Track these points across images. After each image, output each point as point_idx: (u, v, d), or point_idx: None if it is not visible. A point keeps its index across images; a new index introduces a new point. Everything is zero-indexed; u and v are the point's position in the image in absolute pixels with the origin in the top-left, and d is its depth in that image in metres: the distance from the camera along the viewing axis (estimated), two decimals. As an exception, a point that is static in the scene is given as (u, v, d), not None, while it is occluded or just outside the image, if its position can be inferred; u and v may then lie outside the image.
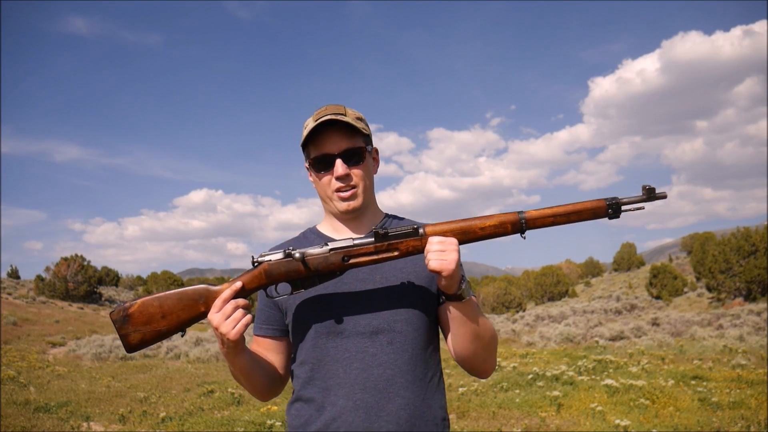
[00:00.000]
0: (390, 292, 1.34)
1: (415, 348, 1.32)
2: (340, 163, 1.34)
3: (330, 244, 1.27)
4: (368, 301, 1.33)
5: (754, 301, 21.60)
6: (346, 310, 1.32)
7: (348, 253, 1.26)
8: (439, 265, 1.17)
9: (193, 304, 1.27)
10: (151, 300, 1.28)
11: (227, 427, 6.04)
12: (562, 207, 1.25)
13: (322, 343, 1.32)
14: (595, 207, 1.24)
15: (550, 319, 20.46)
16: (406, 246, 1.25)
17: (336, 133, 1.35)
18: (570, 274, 46.64)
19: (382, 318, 1.31)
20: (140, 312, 1.26)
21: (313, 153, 1.37)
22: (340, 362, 1.30)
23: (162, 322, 1.27)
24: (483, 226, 1.25)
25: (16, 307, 21.40)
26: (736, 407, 6.08)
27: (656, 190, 1.22)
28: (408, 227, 1.25)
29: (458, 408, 6.53)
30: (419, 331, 1.34)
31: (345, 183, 1.36)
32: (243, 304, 1.23)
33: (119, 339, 1.28)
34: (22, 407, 6.83)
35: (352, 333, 1.31)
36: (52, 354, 12.64)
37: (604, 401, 6.61)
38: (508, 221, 1.25)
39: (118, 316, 1.27)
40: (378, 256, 1.26)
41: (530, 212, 1.25)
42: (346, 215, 1.40)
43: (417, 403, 1.30)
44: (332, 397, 1.29)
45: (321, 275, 1.28)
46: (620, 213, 1.25)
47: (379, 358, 1.29)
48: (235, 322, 1.20)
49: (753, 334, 12.23)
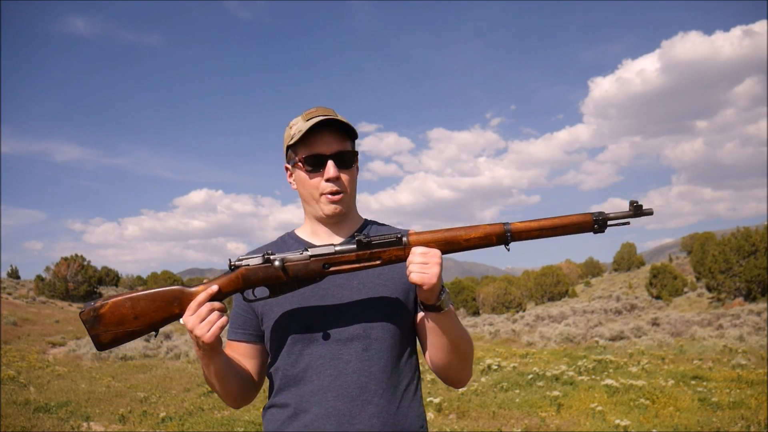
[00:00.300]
0: (367, 298, 1.31)
1: (390, 355, 1.30)
2: (332, 165, 1.32)
3: (310, 250, 1.24)
4: (345, 307, 1.30)
5: (754, 301, 21.60)
6: (322, 316, 1.30)
7: (328, 261, 1.23)
8: (420, 278, 1.16)
9: (166, 306, 1.24)
10: (123, 300, 1.24)
11: (227, 427, 6.04)
12: (548, 220, 1.24)
13: (297, 350, 1.30)
14: (581, 221, 1.24)
15: (550, 319, 20.46)
16: (388, 255, 1.23)
17: (329, 135, 1.33)
18: (570, 274, 46.63)
19: (358, 324, 1.29)
20: (112, 313, 1.23)
21: (303, 152, 1.34)
22: (314, 369, 1.28)
23: (134, 323, 1.24)
24: (468, 237, 1.23)
25: (16, 307, 21.40)
26: (736, 407, 6.08)
27: (643, 207, 1.23)
28: (391, 235, 1.23)
29: (458, 408, 6.53)
30: (395, 338, 1.32)
31: (335, 185, 1.33)
32: (218, 307, 1.21)
33: (90, 335, 1.24)
34: (22, 407, 6.83)
35: (327, 339, 1.29)
36: (52, 354, 12.64)
37: (604, 401, 6.61)
38: (494, 233, 1.23)
39: (88, 316, 1.23)
40: (359, 264, 1.24)
41: (516, 224, 1.24)
42: (330, 219, 1.38)
43: (391, 411, 1.27)
44: (305, 404, 1.27)
45: (300, 281, 1.25)
46: (606, 228, 1.25)
47: (353, 365, 1.27)
48: (210, 324, 1.18)
49: (753, 334, 12.23)
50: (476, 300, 32.35)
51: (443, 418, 6.30)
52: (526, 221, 1.25)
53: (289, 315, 1.31)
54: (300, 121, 1.35)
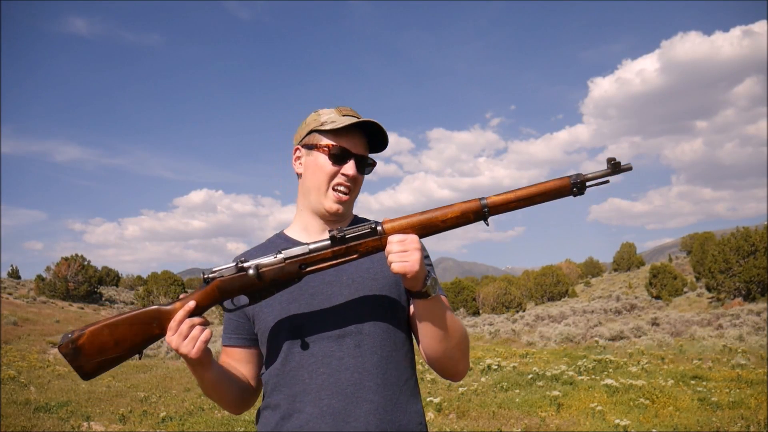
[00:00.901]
0: (357, 294, 1.29)
1: (384, 350, 1.27)
2: (353, 164, 1.33)
3: (284, 252, 1.20)
4: (335, 303, 1.28)
5: (754, 301, 21.60)
6: (312, 314, 1.28)
7: (304, 261, 1.20)
8: (402, 267, 1.13)
9: (146, 328, 1.21)
10: (100, 328, 1.20)
11: (227, 427, 6.05)
12: (524, 189, 1.20)
13: (289, 350, 1.28)
14: (559, 186, 1.19)
15: (550, 319, 20.47)
16: (365, 247, 1.19)
17: (359, 137, 1.35)
18: (570, 274, 46.64)
19: (349, 320, 1.27)
20: (91, 342, 1.19)
21: (332, 140, 1.33)
22: (306, 368, 1.25)
23: (116, 349, 1.21)
24: (444, 218, 1.19)
25: (17, 307, 21.40)
26: (736, 407, 6.08)
27: (621, 164, 1.18)
28: (365, 226, 1.19)
29: (458, 408, 6.54)
30: (388, 332, 1.29)
31: (348, 183, 1.33)
32: (198, 322, 1.19)
33: (72, 367, 1.22)
34: (22, 407, 6.83)
35: (319, 337, 1.26)
36: (52, 354, 12.64)
37: (604, 401, 6.62)
38: (470, 209, 1.19)
39: (67, 349, 1.19)
40: (336, 261, 1.20)
41: (492, 198, 1.20)
42: (329, 216, 1.36)
43: (388, 408, 1.24)
44: (299, 404, 1.25)
45: (279, 285, 1.22)
46: (585, 189, 1.20)
47: (346, 362, 1.25)
48: (194, 340, 1.17)
49: (752, 334, 12.24)
50: (476, 300, 32.35)
51: (443, 418, 6.30)
52: (502, 193, 1.21)
53: (279, 316, 1.29)
54: (333, 113, 1.35)
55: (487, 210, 1.19)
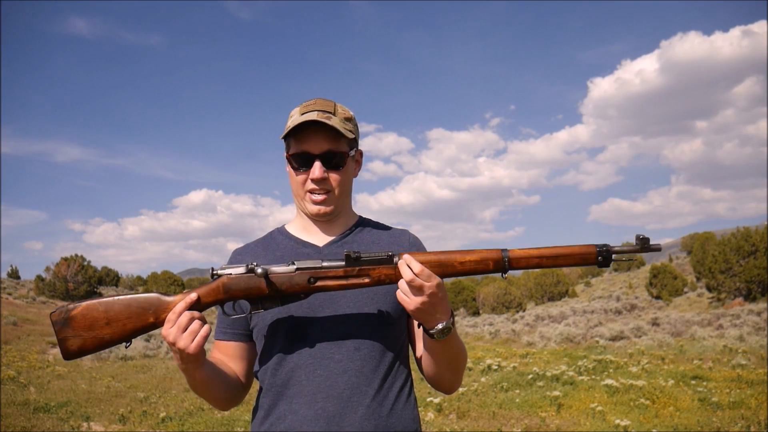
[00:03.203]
0: (359, 297, 1.27)
1: (383, 356, 1.26)
2: (318, 166, 1.27)
3: (297, 263, 1.18)
4: (336, 305, 1.26)
5: (754, 301, 21.60)
6: (312, 314, 1.26)
7: (315, 275, 1.18)
8: (403, 301, 1.13)
9: (141, 313, 1.16)
10: (96, 304, 1.17)
11: (227, 427, 6.05)
12: (549, 249, 1.18)
13: (286, 349, 1.25)
14: (585, 252, 1.18)
15: (550, 319, 20.46)
16: (378, 273, 1.17)
17: (320, 132, 1.27)
18: (570, 274, 46.62)
19: (350, 323, 1.25)
20: (83, 316, 1.16)
21: (293, 148, 1.30)
22: (303, 369, 1.23)
23: (105, 329, 1.16)
24: (463, 261, 1.17)
25: (16, 307, 21.40)
26: (736, 407, 6.08)
27: (650, 241, 1.16)
28: (382, 253, 1.17)
29: (458, 408, 6.53)
30: (388, 338, 1.27)
31: (320, 186, 1.29)
32: (198, 316, 1.14)
33: (57, 338, 1.17)
34: (22, 407, 6.83)
35: (318, 338, 1.24)
36: (52, 354, 12.64)
37: (604, 401, 6.61)
38: (491, 258, 1.17)
39: (58, 317, 1.16)
40: (347, 281, 1.18)
41: (515, 251, 1.18)
42: (315, 218, 1.35)
43: (383, 414, 1.23)
44: (294, 405, 1.22)
45: (284, 296, 1.19)
46: (610, 261, 1.18)
47: (344, 365, 1.22)
48: (193, 334, 1.12)
49: (753, 334, 12.22)
50: (476, 300, 32.35)
51: (443, 418, 6.30)
52: (526, 249, 1.19)
53: (279, 314, 1.27)
54: (297, 113, 1.30)
55: (508, 262, 1.18)
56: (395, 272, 1.16)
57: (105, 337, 1.17)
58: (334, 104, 1.31)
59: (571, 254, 1.18)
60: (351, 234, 1.38)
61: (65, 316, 1.16)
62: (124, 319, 1.17)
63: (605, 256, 1.18)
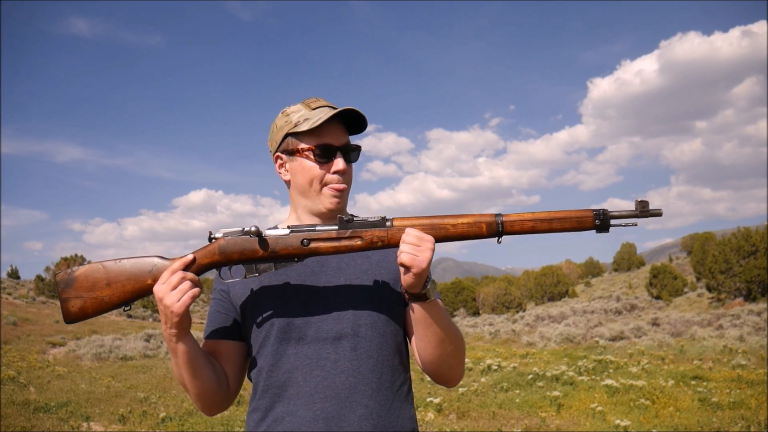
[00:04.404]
0: (354, 296, 1.25)
1: (380, 354, 1.24)
2: (341, 158, 1.27)
3: (290, 227, 1.20)
4: (331, 304, 1.24)
5: (754, 301, 21.60)
6: (307, 313, 1.23)
7: (308, 237, 1.18)
8: (411, 259, 1.10)
9: (140, 275, 1.19)
10: (98, 265, 1.21)
11: (227, 427, 6.05)
12: (544, 213, 1.16)
13: (281, 349, 1.23)
14: (581, 216, 1.15)
15: (550, 320, 20.46)
16: (370, 235, 1.17)
17: (338, 126, 1.28)
18: (570, 274, 46.62)
19: (346, 322, 1.23)
20: (85, 276, 1.20)
21: (312, 141, 1.27)
22: (300, 369, 1.21)
23: (105, 291, 1.20)
24: (455, 224, 1.16)
25: (16, 307, 21.41)
26: (736, 407, 6.08)
27: (650, 206, 1.13)
28: (375, 217, 1.18)
29: (458, 408, 6.53)
30: (385, 336, 1.25)
31: (343, 179, 1.29)
32: (191, 277, 1.15)
33: (59, 299, 1.22)
34: (22, 407, 6.83)
35: (314, 338, 1.22)
36: (52, 354, 12.64)
37: (604, 401, 6.62)
38: (483, 221, 1.15)
39: (63, 277, 1.21)
40: (339, 243, 1.18)
41: (509, 215, 1.15)
42: (329, 213, 1.31)
43: (382, 413, 1.21)
44: (291, 406, 1.21)
45: (278, 258, 1.19)
46: (609, 227, 1.15)
47: (342, 365, 1.21)
48: (181, 293, 1.12)
49: (753, 335, 12.23)
50: (476, 300, 32.36)
51: (443, 418, 6.30)
52: (519, 213, 1.16)
53: (272, 313, 1.25)
54: (302, 109, 1.28)
55: (501, 225, 1.15)
56: (387, 234, 1.17)
57: (105, 299, 1.21)
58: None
59: (567, 218, 1.15)
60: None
61: (69, 277, 1.21)
62: (123, 281, 1.20)
63: (602, 219, 1.14)
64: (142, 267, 1.20)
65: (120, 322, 21.54)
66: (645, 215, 1.14)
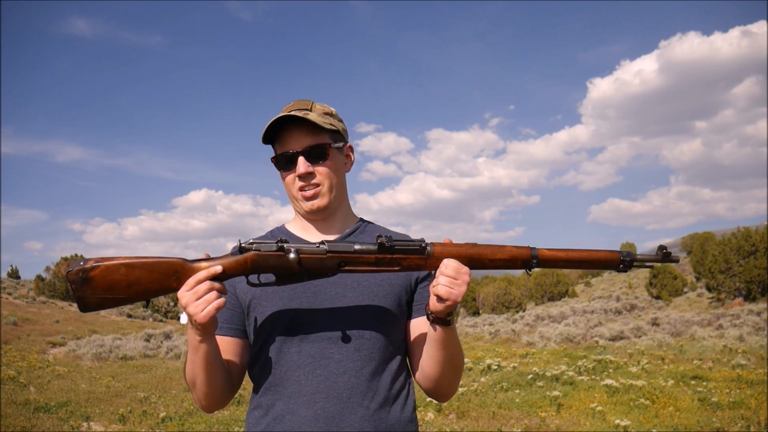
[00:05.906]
0: (361, 297, 1.26)
1: (383, 356, 1.25)
2: (302, 161, 1.27)
3: (327, 244, 1.16)
4: (337, 305, 1.25)
5: (754, 301, 21.61)
6: (313, 313, 1.24)
7: (345, 259, 1.16)
8: (447, 293, 1.11)
9: (164, 279, 1.14)
10: (117, 266, 1.12)
11: (227, 427, 6.05)
12: (575, 252, 1.21)
13: (285, 348, 1.23)
14: (608, 258, 1.21)
15: (550, 319, 20.47)
16: (408, 263, 1.17)
17: (299, 130, 1.28)
18: (570, 274, 46.63)
19: (351, 324, 1.24)
20: (103, 277, 1.12)
21: (277, 151, 1.31)
22: (303, 368, 1.22)
23: (126, 291, 1.13)
24: (493, 258, 1.19)
25: (16, 307, 21.40)
26: (736, 407, 6.08)
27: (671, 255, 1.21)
28: (414, 242, 1.17)
29: (458, 408, 6.53)
30: (388, 339, 1.27)
31: (307, 182, 1.29)
32: (218, 287, 1.12)
33: (74, 296, 1.14)
34: (22, 407, 6.83)
35: (318, 338, 1.23)
36: (52, 354, 12.64)
37: (604, 401, 6.62)
38: (519, 257, 1.19)
39: (76, 276, 1.12)
40: (377, 267, 1.17)
41: (543, 251, 1.20)
42: (312, 215, 1.33)
43: (383, 415, 1.22)
44: (292, 405, 1.21)
45: (312, 275, 1.18)
46: (630, 268, 1.23)
47: (345, 366, 1.21)
48: (207, 303, 1.10)
49: (753, 334, 12.23)
50: (476, 300, 32.37)
51: (443, 418, 6.30)
52: (553, 249, 1.21)
53: (277, 311, 1.25)
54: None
55: (536, 262, 1.20)
56: (426, 262, 1.17)
57: (125, 297, 1.15)
58: (311, 102, 1.32)
59: (596, 259, 1.21)
60: (352, 235, 1.37)
61: (83, 276, 1.12)
62: (146, 283, 1.14)
63: (627, 263, 1.22)
64: (167, 271, 1.14)
65: (120, 322, 21.54)
66: (665, 261, 1.22)
